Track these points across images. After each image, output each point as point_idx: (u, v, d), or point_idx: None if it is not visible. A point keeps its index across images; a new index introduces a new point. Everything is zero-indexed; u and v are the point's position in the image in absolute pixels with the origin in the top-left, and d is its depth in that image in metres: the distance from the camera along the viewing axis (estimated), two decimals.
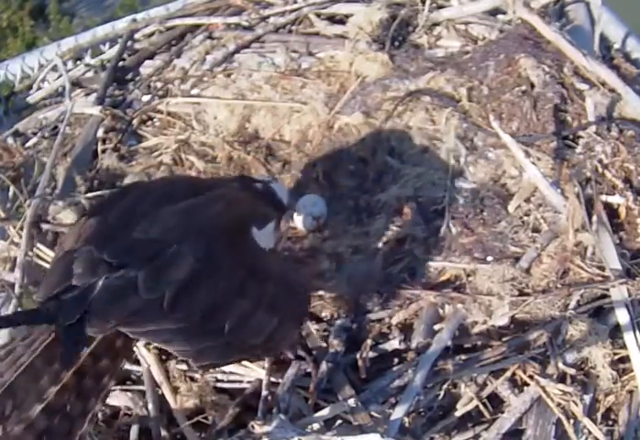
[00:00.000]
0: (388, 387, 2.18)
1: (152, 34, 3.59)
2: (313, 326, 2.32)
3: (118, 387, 2.26)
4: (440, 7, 3.30)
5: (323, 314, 2.38)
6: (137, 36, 3.60)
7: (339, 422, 2.13)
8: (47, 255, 2.59)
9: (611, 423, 2.22)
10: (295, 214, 2.70)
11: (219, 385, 2.26)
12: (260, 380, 2.16)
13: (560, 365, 2.19)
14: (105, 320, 1.64)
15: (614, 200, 2.56)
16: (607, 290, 2.31)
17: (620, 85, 2.84)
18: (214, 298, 1.78)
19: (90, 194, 2.77)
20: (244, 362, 2.25)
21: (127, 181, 2.91)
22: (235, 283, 1.84)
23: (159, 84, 3.32)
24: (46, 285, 1.75)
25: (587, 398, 2.17)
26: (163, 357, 2.29)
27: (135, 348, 2.13)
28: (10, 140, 3.22)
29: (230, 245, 1.88)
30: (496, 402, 2.21)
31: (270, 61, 3.28)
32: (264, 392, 2.08)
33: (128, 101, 3.30)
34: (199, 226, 1.87)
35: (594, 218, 2.47)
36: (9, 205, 2.90)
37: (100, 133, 3.13)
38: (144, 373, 2.28)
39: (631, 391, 2.23)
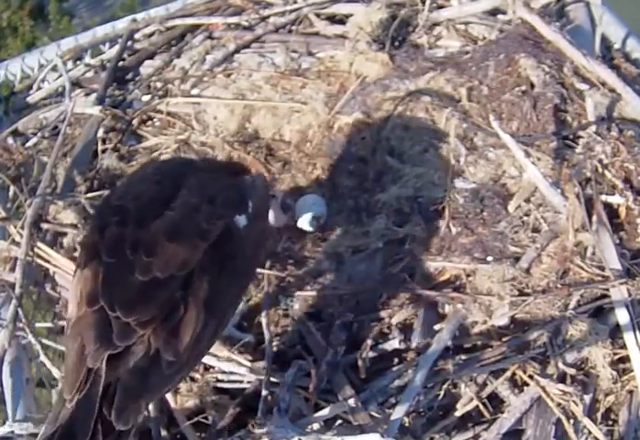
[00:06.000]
0: (388, 387, 2.18)
1: (152, 34, 3.59)
2: (313, 326, 2.32)
3: None
4: (440, 7, 3.30)
5: (323, 314, 2.38)
6: (137, 36, 3.60)
7: (339, 422, 2.13)
8: (47, 255, 2.59)
9: (611, 423, 2.22)
10: (295, 214, 2.70)
11: (219, 385, 2.26)
12: (260, 380, 2.16)
13: (560, 365, 2.19)
14: (136, 413, 1.67)
15: (614, 200, 2.56)
16: (607, 290, 2.31)
17: (620, 85, 2.84)
18: (214, 331, 1.88)
19: (90, 194, 2.77)
20: (244, 362, 2.25)
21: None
22: (229, 299, 1.95)
23: (159, 84, 3.32)
24: (67, 376, 1.75)
25: (587, 398, 2.17)
26: None
27: None
28: (10, 140, 3.22)
29: (219, 255, 1.91)
30: (496, 402, 2.21)
31: (270, 61, 3.28)
32: (264, 392, 2.08)
33: (128, 101, 3.30)
34: (191, 245, 1.88)
35: (594, 218, 2.47)
36: (9, 205, 2.90)
37: (100, 133, 3.13)
38: None
39: (631, 391, 2.23)
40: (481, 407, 2.18)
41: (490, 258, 2.42)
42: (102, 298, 1.79)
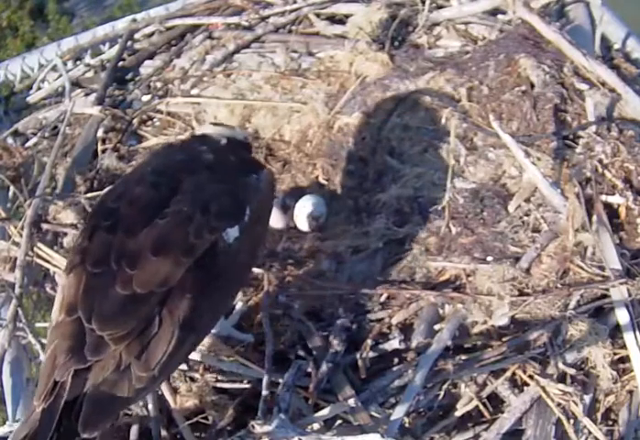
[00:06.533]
0: (388, 387, 2.18)
1: (152, 34, 3.60)
2: (313, 326, 2.32)
3: None
4: (440, 7, 3.30)
5: (323, 314, 2.38)
6: (136, 36, 3.61)
7: (339, 422, 2.13)
8: (47, 255, 2.59)
9: (611, 423, 2.22)
10: (295, 214, 2.71)
11: (219, 385, 2.25)
12: (260, 380, 2.16)
13: (560, 365, 2.19)
14: (103, 423, 1.70)
15: (614, 200, 2.56)
16: (607, 290, 2.31)
17: (620, 85, 2.84)
18: (192, 346, 1.91)
19: (90, 194, 2.77)
20: (244, 362, 2.25)
21: None
22: (210, 315, 1.95)
23: (159, 84, 3.33)
24: (39, 383, 1.79)
25: (587, 398, 2.17)
26: None
27: None
28: (10, 140, 3.23)
29: (202, 273, 1.90)
30: (496, 402, 2.21)
31: (270, 61, 3.28)
32: (264, 392, 2.08)
33: (128, 101, 3.30)
34: (175, 261, 1.87)
35: (594, 218, 2.47)
36: (9, 205, 2.91)
37: (100, 133, 3.13)
38: None
39: (631, 391, 2.24)
40: (481, 407, 2.18)
41: (490, 258, 2.42)
42: (80, 308, 1.81)
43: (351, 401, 2.11)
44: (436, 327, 2.31)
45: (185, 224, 1.93)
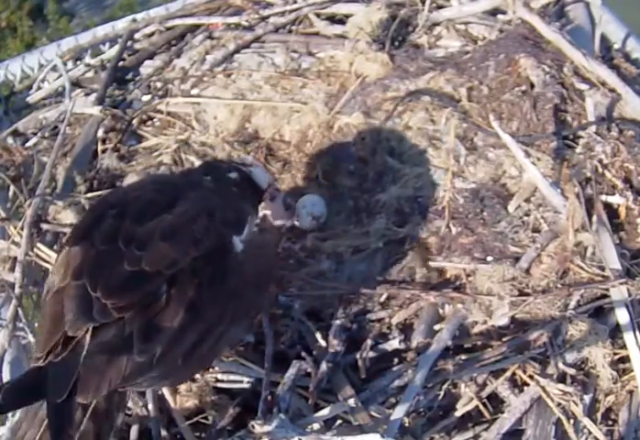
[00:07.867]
0: (388, 387, 2.18)
1: (152, 34, 3.60)
2: (313, 326, 2.32)
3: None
4: (440, 7, 3.30)
5: (323, 314, 2.38)
6: (137, 36, 3.61)
7: (339, 422, 2.13)
8: (47, 255, 2.59)
9: (611, 423, 2.22)
10: (295, 214, 2.70)
11: (219, 385, 2.26)
12: (260, 380, 2.16)
13: (560, 365, 2.19)
14: (98, 389, 1.69)
15: (614, 200, 2.56)
16: (607, 290, 2.31)
17: (620, 85, 2.84)
18: (197, 339, 1.87)
19: (90, 194, 2.77)
20: (244, 362, 2.25)
21: (127, 180, 2.91)
22: (216, 313, 1.92)
23: (159, 84, 3.33)
24: (41, 337, 1.79)
25: (587, 398, 2.17)
26: None
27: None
28: (10, 140, 3.22)
29: (210, 267, 1.91)
30: (496, 402, 2.21)
31: (270, 61, 3.28)
32: (264, 392, 2.08)
33: (128, 101, 3.30)
34: (183, 249, 1.89)
35: (594, 218, 2.47)
36: (9, 205, 2.90)
37: (100, 133, 3.13)
38: None
39: (631, 391, 2.23)
40: (481, 407, 2.18)
41: (490, 258, 2.42)
42: (86, 277, 1.81)
43: (351, 401, 2.11)
44: (436, 327, 2.31)
45: (192, 222, 1.96)
